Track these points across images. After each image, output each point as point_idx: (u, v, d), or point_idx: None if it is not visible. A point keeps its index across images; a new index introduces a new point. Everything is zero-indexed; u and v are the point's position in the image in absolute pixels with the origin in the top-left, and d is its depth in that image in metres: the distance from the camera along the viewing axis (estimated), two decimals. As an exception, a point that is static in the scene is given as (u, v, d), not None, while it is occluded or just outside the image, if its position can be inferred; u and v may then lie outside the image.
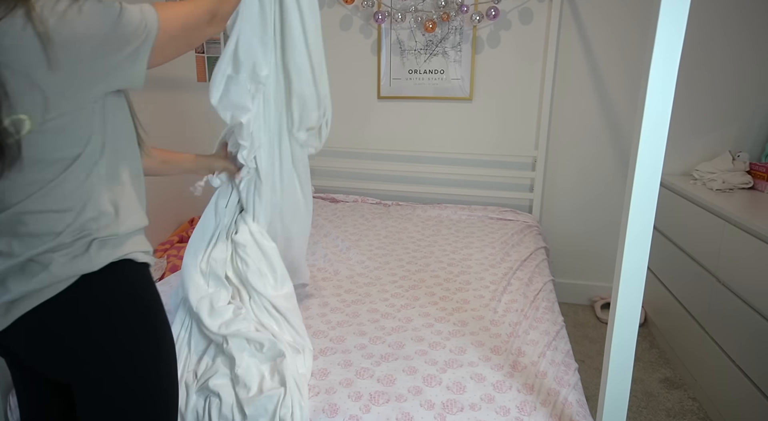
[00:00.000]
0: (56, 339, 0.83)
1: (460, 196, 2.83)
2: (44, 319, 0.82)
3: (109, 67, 0.79)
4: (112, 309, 0.85)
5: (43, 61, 0.72)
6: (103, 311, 0.84)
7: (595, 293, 2.79)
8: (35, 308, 0.81)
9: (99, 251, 0.84)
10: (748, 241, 1.70)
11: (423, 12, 2.61)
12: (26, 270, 0.81)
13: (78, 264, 0.82)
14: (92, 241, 0.83)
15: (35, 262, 0.81)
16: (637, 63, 2.49)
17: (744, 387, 1.67)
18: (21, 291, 0.80)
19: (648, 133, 0.93)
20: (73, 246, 0.82)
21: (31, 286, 0.80)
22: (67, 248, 0.81)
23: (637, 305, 1.02)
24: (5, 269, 0.81)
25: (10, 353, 0.90)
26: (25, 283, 0.80)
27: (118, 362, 0.86)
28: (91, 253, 0.83)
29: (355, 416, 1.11)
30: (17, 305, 0.81)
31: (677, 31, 0.88)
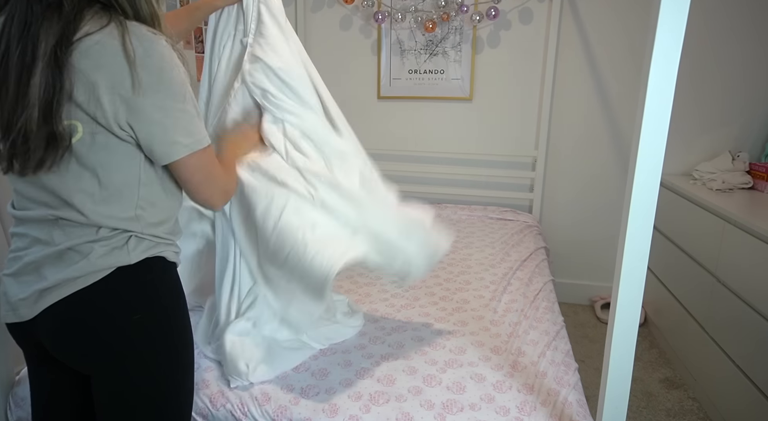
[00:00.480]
0: (84, 328, 0.85)
1: (460, 196, 2.83)
2: (74, 308, 0.84)
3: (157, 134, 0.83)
4: (143, 302, 0.88)
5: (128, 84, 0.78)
6: (133, 303, 0.87)
7: (595, 293, 2.79)
8: (68, 298, 0.83)
9: (137, 246, 0.87)
10: (748, 241, 1.70)
11: (423, 12, 2.61)
12: (64, 258, 0.84)
13: (116, 256, 0.85)
14: (131, 236, 0.87)
15: (74, 251, 0.84)
16: (637, 63, 2.49)
17: (744, 387, 1.67)
18: (57, 279, 0.83)
19: (648, 133, 0.93)
20: (113, 239, 0.85)
21: (68, 274, 0.83)
22: (107, 240, 0.85)
23: (637, 305, 1.02)
24: (42, 256, 0.84)
25: (33, 342, 0.92)
26: (61, 271, 0.83)
27: (143, 354, 0.89)
28: (129, 247, 0.86)
29: (355, 416, 1.11)
30: (50, 293, 0.83)
31: (677, 31, 0.88)
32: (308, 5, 2.76)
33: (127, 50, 0.77)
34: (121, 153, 0.83)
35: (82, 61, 0.76)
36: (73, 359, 0.89)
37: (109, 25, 0.78)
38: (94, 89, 0.77)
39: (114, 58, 0.76)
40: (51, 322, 0.85)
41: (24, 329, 0.89)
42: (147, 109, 0.80)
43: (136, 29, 0.79)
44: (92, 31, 0.77)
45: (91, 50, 0.76)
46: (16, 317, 0.86)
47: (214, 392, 1.20)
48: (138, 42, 0.78)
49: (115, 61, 0.77)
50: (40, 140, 0.77)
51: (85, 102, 0.78)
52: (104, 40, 0.77)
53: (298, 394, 1.18)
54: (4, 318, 0.88)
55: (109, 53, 0.77)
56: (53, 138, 0.77)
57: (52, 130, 0.77)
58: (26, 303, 0.84)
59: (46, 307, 0.83)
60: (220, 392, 1.19)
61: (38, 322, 0.85)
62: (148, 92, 0.79)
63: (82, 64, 0.76)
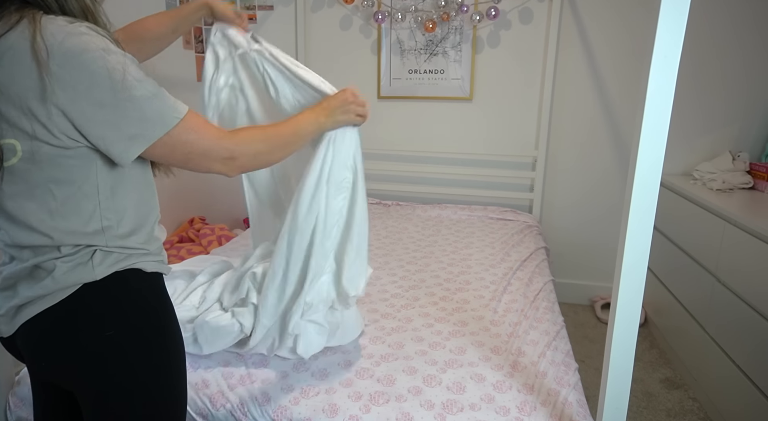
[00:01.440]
0: (57, 347, 0.82)
1: (460, 196, 2.83)
2: (46, 325, 0.81)
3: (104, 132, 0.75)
4: (114, 319, 0.83)
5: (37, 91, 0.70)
6: (104, 320, 0.82)
7: (595, 293, 2.79)
8: (40, 315, 0.80)
9: (103, 260, 0.82)
10: (748, 241, 1.70)
11: (423, 12, 2.61)
12: (34, 275, 0.81)
13: (80, 272, 0.80)
14: (95, 251, 0.81)
15: (41, 268, 0.80)
16: (637, 63, 2.49)
17: (744, 387, 1.67)
18: (28, 296, 0.80)
19: (648, 133, 0.93)
20: (77, 255, 0.80)
21: (36, 291, 0.80)
22: (71, 256, 0.80)
23: (637, 305, 1.02)
24: (17, 271, 0.82)
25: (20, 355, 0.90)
26: (31, 287, 0.80)
27: (117, 374, 0.84)
28: (94, 262, 0.81)
29: (355, 416, 1.11)
30: (23, 310, 0.81)
31: (677, 31, 0.88)
32: (308, 5, 2.76)
33: (37, 51, 0.68)
34: (73, 163, 0.76)
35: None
36: (52, 376, 0.87)
37: (20, 23, 0.70)
38: (21, 103, 0.70)
39: (30, 64, 0.69)
40: (27, 339, 0.83)
41: (9, 344, 0.87)
42: (87, 112, 0.72)
43: (49, 23, 0.70)
44: (1, 33, 0.69)
45: (5, 58, 0.69)
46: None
47: (214, 392, 1.19)
48: (52, 38, 0.69)
49: (31, 66, 0.69)
50: None
51: (16, 118, 0.71)
52: (16, 43, 0.69)
53: (298, 394, 1.17)
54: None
55: (23, 58, 0.69)
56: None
57: None
58: (5, 319, 0.82)
59: (22, 323, 0.81)
60: (220, 392, 1.19)
61: (18, 338, 0.83)
62: (80, 93, 0.71)
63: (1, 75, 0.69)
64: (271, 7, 2.80)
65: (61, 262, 0.79)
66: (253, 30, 2.93)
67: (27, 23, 0.70)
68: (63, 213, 0.78)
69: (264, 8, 2.81)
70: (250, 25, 2.85)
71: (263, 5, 2.81)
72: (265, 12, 2.82)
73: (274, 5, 2.80)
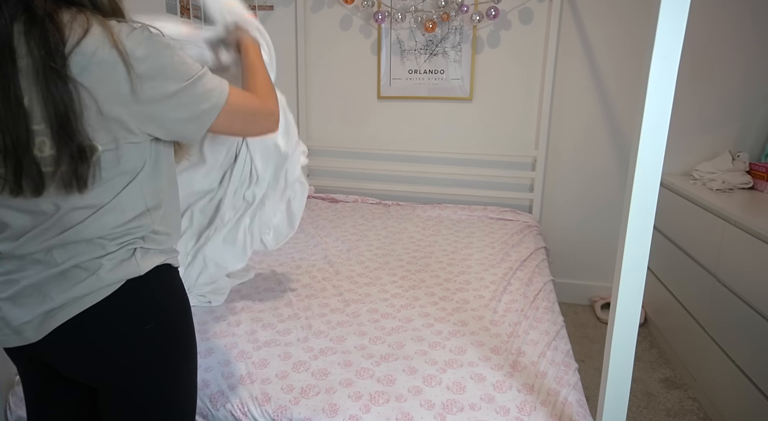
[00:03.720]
0: (95, 345, 0.83)
1: (460, 196, 2.83)
2: (84, 326, 0.81)
3: (178, 117, 0.82)
4: (152, 312, 0.87)
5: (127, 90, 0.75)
6: (143, 315, 0.86)
7: (595, 293, 2.79)
8: (79, 314, 0.80)
9: (143, 256, 0.85)
10: (748, 241, 1.70)
11: (423, 12, 2.61)
12: (68, 276, 0.80)
13: (125, 268, 0.83)
14: (136, 248, 0.85)
15: (80, 268, 0.81)
16: (637, 63, 2.49)
17: (744, 387, 1.67)
18: (64, 298, 0.80)
19: (648, 133, 0.93)
20: (119, 252, 0.83)
21: (76, 292, 0.80)
22: (114, 253, 0.82)
23: (637, 305, 1.02)
24: (43, 278, 0.81)
25: (37, 363, 0.90)
26: (68, 290, 0.80)
27: (152, 364, 0.88)
28: (137, 257, 0.84)
29: (355, 416, 1.11)
30: (57, 313, 0.80)
31: (677, 31, 0.88)
32: (308, 5, 2.76)
33: (125, 58, 0.73)
34: (135, 156, 0.81)
35: (84, 75, 0.72)
36: (82, 375, 0.88)
37: (92, 27, 0.73)
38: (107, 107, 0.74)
39: (118, 68, 0.73)
40: (61, 341, 0.82)
41: (27, 352, 0.85)
42: (166, 103, 0.79)
43: (116, 26, 0.75)
44: (80, 38, 0.72)
45: (91, 64, 0.72)
46: (21, 341, 0.82)
47: (214, 392, 1.20)
48: (129, 42, 0.74)
49: (119, 70, 0.73)
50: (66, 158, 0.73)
51: (97, 122, 0.75)
52: (99, 51, 0.72)
53: (298, 394, 1.17)
54: (5, 342, 0.84)
55: (111, 62, 0.73)
56: (82, 152, 0.74)
57: (80, 144, 0.74)
58: (31, 326, 0.81)
59: (54, 328, 0.80)
60: (220, 392, 1.19)
61: (45, 343, 0.82)
62: (160, 86, 0.77)
63: (84, 80, 0.72)
64: (271, 7, 2.80)
65: (107, 260, 0.82)
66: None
67: (100, 29, 0.74)
68: (116, 206, 0.81)
69: (264, 8, 2.81)
70: (250, 25, 2.85)
71: (263, 5, 2.81)
72: (265, 12, 2.82)
73: (274, 5, 2.80)
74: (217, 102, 0.85)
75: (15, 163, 0.73)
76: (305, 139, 2.90)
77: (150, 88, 0.77)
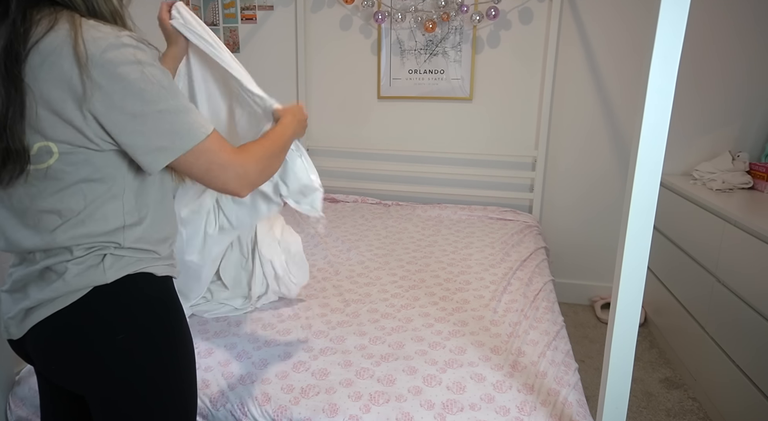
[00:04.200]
0: (67, 351, 0.81)
1: (460, 196, 2.83)
2: (55, 329, 0.81)
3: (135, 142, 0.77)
4: (125, 323, 0.83)
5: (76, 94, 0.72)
6: (114, 324, 0.82)
7: (595, 293, 2.79)
8: (49, 318, 0.80)
9: (113, 263, 0.82)
10: (748, 241, 1.70)
11: (423, 12, 2.61)
12: (44, 277, 0.81)
13: (91, 275, 0.80)
14: (106, 255, 0.81)
15: (52, 270, 0.80)
16: (637, 63, 2.49)
17: (744, 387, 1.67)
18: (38, 298, 0.80)
19: (648, 133, 0.93)
20: (88, 257, 0.80)
21: (47, 294, 0.79)
22: (82, 258, 0.80)
23: (637, 305, 1.02)
24: (27, 274, 0.82)
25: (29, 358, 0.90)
26: (42, 290, 0.80)
27: (128, 378, 0.84)
28: (105, 265, 0.81)
29: (355, 416, 1.11)
30: (33, 312, 0.80)
31: (677, 31, 0.88)
32: (308, 5, 2.76)
33: (79, 57, 0.70)
34: (106, 163, 0.78)
35: (38, 74, 0.70)
36: (60, 380, 0.86)
37: (59, 26, 0.71)
38: (59, 106, 0.72)
39: (71, 69, 0.70)
40: (36, 342, 0.82)
41: (18, 346, 0.87)
42: (120, 121, 0.74)
43: (91, 29, 0.72)
44: (41, 36, 0.70)
45: (47, 62, 0.70)
46: (8, 335, 0.84)
47: (214, 392, 1.20)
48: (94, 45, 0.71)
49: (72, 71, 0.70)
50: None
51: (53, 121, 0.73)
52: (58, 48, 0.70)
53: (298, 394, 1.18)
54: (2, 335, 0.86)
55: (65, 63, 0.70)
56: (7, 155, 0.72)
57: (7, 146, 0.71)
58: (14, 322, 0.82)
59: (32, 326, 0.80)
60: (220, 392, 1.19)
61: (27, 341, 0.83)
62: (115, 102, 0.73)
63: (39, 79, 0.70)
64: (271, 7, 2.80)
65: (72, 264, 0.79)
66: (253, 30, 2.94)
67: (68, 27, 0.71)
68: (88, 214, 0.79)
69: (264, 8, 2.81)
70: (250, 26, 2.86)
71: (263, 5, 2.81)
72: (265, 12, 2.82)
73: (274, 5, 2.80)
74: (182, 144, 0.78)
75: None
76: (305, 139, 2.90)
77: (102, 97, 0.72)
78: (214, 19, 2.87)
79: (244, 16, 2.84)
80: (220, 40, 1.18)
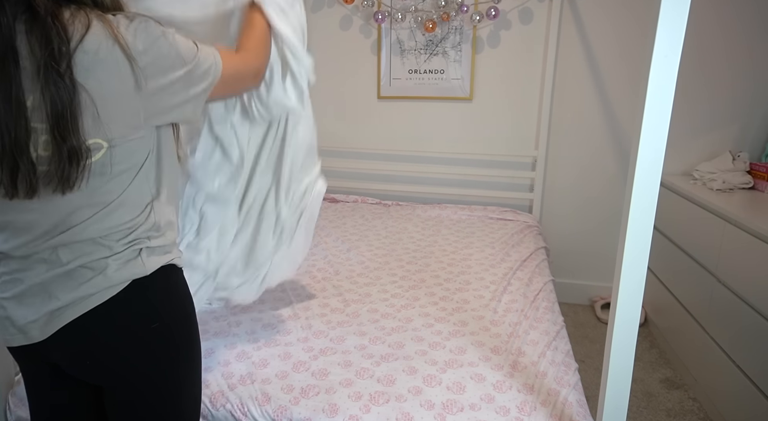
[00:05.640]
0: (102, 344, 0.84)
1: (460, 197, 2.83)
2: (90, 325, 0.82)
3: (181, 101, 0.84)
4: (159, 312, 0.88)
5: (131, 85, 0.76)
6: (150, 314, 0.86)
7: (595, 293, 2.79)
8: (85, 314, 0.81)
9: (149, 256, 0.86)
10: (748, 241, 1.70)
11: (423, 12, 2.61)
12: (74, 276, 0.81)
13: (132, 268, 0.83)
14: (141, 248, 0.85)
15: (86, 268, 0.81)
16: (637, 63, 2.48)
17: (744, 387, 1.67)
18: (70, 298, 0.80)
19: (648, 133, 0.93)
20: (125, 252, 0.83)
21: (82, 291, 0.80)
22: (120, 253, 0.83)
23: (637, 305, 1.02)
24: (49, 277, 0.81)
25: (43, 362, 0.89)
26: (74, 289, 0.80)
27: (161, 363, 0.89)
28: (142, 257, 0.85)
29: (355, 416, 1.11)
30: (63, 312, 0.80)
31: (677, 31, 0.88)
32: (308, 5, 2.76)
33: (124, 48, 0.74)
34: (141, 149, 0.82)
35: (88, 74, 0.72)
36: (88, 374, 0.88)
37: (92, 24, 0.73)
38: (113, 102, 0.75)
39: (122, 62, 0.74)
40: (67, 340, 0.83)
41: (32, 351, 0.85)
42: (167, 93, 0.80)
43: (113, 21, 0.75)
44: (82, 35, 0.72)
45: (96, 61, 0.72)
46: (27, 340, 0.83)
47: (214, 392, 1.20)
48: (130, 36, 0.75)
49: (123, 65, 0.74)
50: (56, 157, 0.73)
51: (106, 119, 0.75)
52: (100, 47, 0.72)
53: (298, 394, 1.18)
54: (10, 342, 0.84)
55: (116, 59, 0.73)
56: (74, 154, 0.73)
57: (72, 145, 0.73)
58: (37, 325, 0.81)
59: (62, 326, 0.81)
60: (220, 392, 1.19)
61: (50, 342, 0.83)
62: (162, 75, 0.79)
63: (90, 77, 0.72)
64: (271, 7, 2.80)
65: (113, 260, 0.82)
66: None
67: (102, 24, 0.74)
68: (124, 202, 0.82)
69: (264, 8, 2.81)
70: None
71: (263, 5, 2.80)
72: (265, 12, 2.81)
73: (274, 5, 2.79)
74: (213, 79, 0.87)
75: (12, 164, 0.72)
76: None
77: (154, 80, 0.78)
78: (214, 19, 2.87)
79: (244, 16, 2.84)
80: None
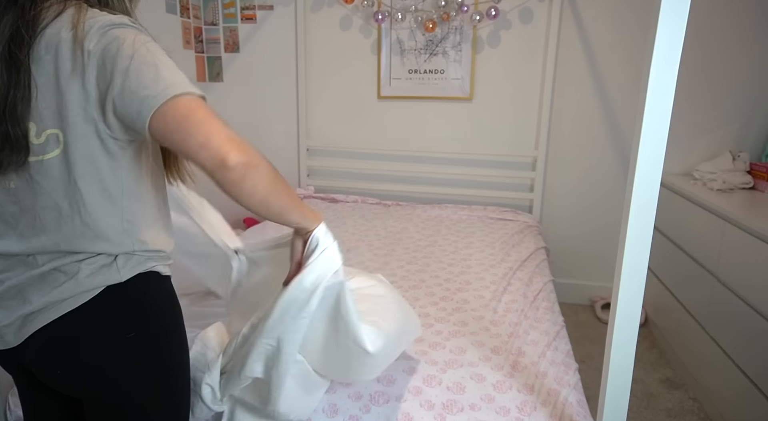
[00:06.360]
0: (74, 352, 0.80)
1: (460, 196, 2.83)
2: (63, 331, 0.79)
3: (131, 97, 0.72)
4: (135, 321, 0.83)
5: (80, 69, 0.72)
6: (126, 322, 0.82)
7: (595, 293, 2.79)
8: (56, 320, 0.78)
9: (126, 262, 0.82)
10: (748, 241, 1.70)
11: (423, 12, 2.61)
12: (48, 279, 0.78)
13: (105, 274, 0.80)
14: (117, 254, 0.81)
15: (59, 271, 0.79)
16: (637, 63, 2.48)
17: (744, 387, 1.67)
18: (43, 301, 0.78)
19: (648, 133, 0.93)
20: (99, 257, 0.80)
21: (54, 296, 0.77)
22: (94, 258, 0.80)
23: (637, 305, 1.02)
24: (25, 279, 0.79)
25: (20, 368, 0.88)
26: (47, 293, 0.78)
27: (138, 376, 0.84)
28: (118, 264, 0.81)
29: (355, 416, 1.11)
30: (36, 317, 0.78)
31: (677, 31, 0.88)
32: (308, 5, 2.76)
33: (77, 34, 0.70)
34: (103, 161, 0.77)
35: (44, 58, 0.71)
36: (62, 384, 0.85)
37: (64, 11, 0.72)
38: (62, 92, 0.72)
39: (68, 46, 0.71)
40: (38, 347, 0.80)
41: (9, 356, 0.83)
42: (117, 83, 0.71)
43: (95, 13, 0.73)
44: (49, 22, 0.71)
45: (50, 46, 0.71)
46: (2, 344, 0.81)
47: (214, 392, 1.19)
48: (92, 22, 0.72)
49: (68, 51, 0.71)
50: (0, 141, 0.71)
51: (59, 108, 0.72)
52: (60, 31, 0.71)
53: (297, 394, 1.17)
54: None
55: (64, 46, 0.71)
56: (7, 140, 0.71)
57: (6, 131, 0.71)
58: (11, 329, 0.79)
59: (34, 331, 0.78)
60: (220, 392, 1.19)
61: (25, 347, 0.80)
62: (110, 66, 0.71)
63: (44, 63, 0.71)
64: (271, 7, 2.80)
65: (86, 264, 0.79)
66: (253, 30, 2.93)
67: (72, 12, 0.72)
68: (88, 213, 0.78)
69: (264, 8, 2.81)
70: (250, 26, 2.85)
71: (263, 5, 2.81)
72: (265, 12, 2.82)
73: (274, 5, 2.80)
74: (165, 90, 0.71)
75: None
76: (306, 139, 2.91)
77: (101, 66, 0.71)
78: (214, 19, 2.87)
79: (244, 15, 2.84)
80: None
